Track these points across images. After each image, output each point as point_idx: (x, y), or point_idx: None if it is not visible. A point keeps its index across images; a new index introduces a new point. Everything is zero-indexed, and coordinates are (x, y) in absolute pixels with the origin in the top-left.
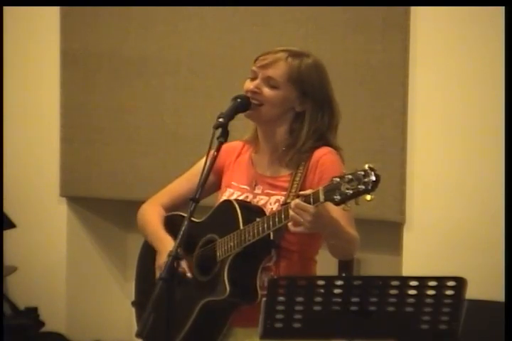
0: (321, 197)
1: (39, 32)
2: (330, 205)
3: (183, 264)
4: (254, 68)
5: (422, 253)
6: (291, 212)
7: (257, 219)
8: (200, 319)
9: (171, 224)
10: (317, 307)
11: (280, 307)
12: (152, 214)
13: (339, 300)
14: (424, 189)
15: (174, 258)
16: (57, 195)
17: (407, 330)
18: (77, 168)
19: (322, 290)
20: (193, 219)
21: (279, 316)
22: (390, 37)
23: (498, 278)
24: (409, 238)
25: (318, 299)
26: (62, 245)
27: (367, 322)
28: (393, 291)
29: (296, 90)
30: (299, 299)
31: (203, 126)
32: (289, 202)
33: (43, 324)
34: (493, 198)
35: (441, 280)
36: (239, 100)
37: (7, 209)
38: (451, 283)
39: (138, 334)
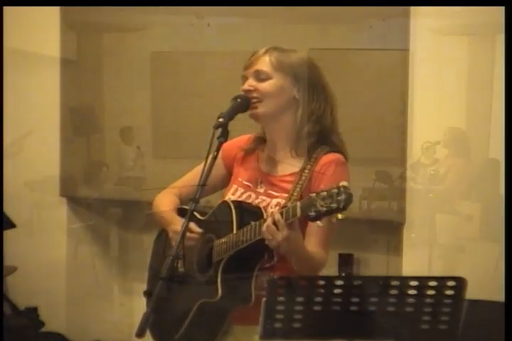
0: (298, 212)
1: (39, 32)
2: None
3: (192, 225)
4: (243, 73)
5: (422, 253)
6: (263, 230)
7: (252, 223)
8: (197, 318)
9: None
10: (317, 308)
11: (280, 307)
12: (165, 202)
13: (339, 300)
14: (424, 189)
15: (174, 258)
16: (57, 195)
17: (407, 330)
18: (77, 168)
19: (322, 290)
20: (198, 216)
21: (279, 316)
22: (390, 37)
23: (498, 278)
24: (409, 238)
25: (318, 299)
26: (62, 245)
27: (367, 322)
28: (393, 291)
29: (288, 76)
30: (299, 299)
31: (203, 126)
32: (288, 206)
33: (43, 324)
34: (493, 198)
35: (441, 280)
36: (239, 100)
37: (7, 209)
38: (451, 283)
39: (138, 334)
